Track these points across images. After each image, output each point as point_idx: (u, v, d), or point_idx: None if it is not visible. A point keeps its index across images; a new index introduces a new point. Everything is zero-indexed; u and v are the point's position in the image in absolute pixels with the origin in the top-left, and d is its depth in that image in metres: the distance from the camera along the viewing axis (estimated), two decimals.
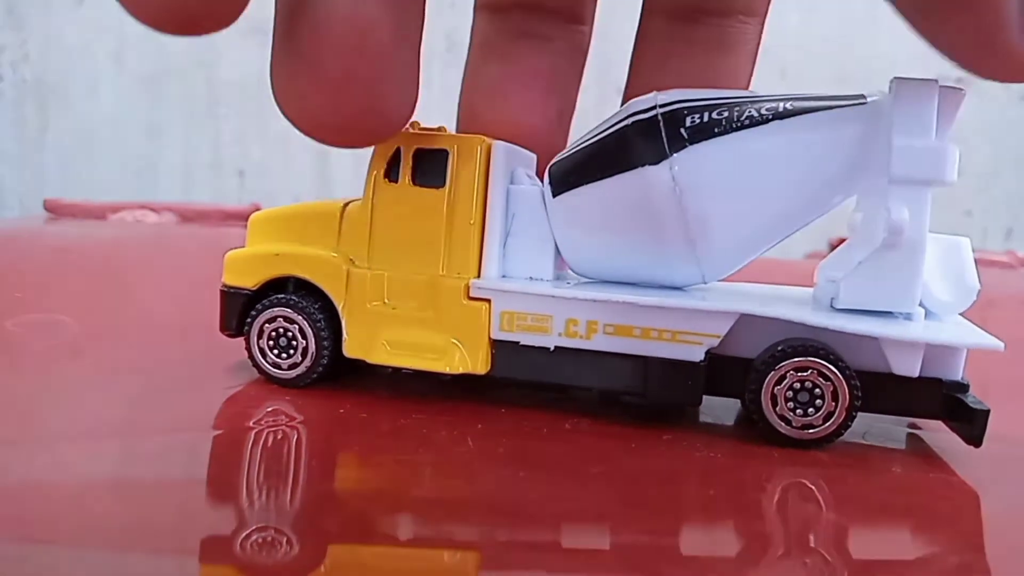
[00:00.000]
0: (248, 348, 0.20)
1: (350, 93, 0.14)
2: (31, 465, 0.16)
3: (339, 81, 0.13)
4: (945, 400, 0.18)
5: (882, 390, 0.18)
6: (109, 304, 0.30)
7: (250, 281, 0.21)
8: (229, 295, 0.21)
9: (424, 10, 0.15)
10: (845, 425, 0.18)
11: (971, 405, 0.18)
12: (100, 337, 0.25)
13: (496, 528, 0.14)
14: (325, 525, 0.14)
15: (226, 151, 0.87)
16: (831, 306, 0.19)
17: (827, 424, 0.18)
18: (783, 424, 0.18)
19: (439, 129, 0.20)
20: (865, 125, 0.18)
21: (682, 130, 0.18)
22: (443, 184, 0.20)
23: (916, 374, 0.18)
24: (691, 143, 0.18)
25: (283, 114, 0.14)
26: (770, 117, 0.19)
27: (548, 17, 0.23)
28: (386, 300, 0.20)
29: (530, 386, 0.20)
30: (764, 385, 0.18)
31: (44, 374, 0.21)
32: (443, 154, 0.20)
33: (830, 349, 0.18)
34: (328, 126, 0.14)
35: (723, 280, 0.21)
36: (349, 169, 0.85)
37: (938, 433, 0.20)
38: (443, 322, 0.19)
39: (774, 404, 0.18)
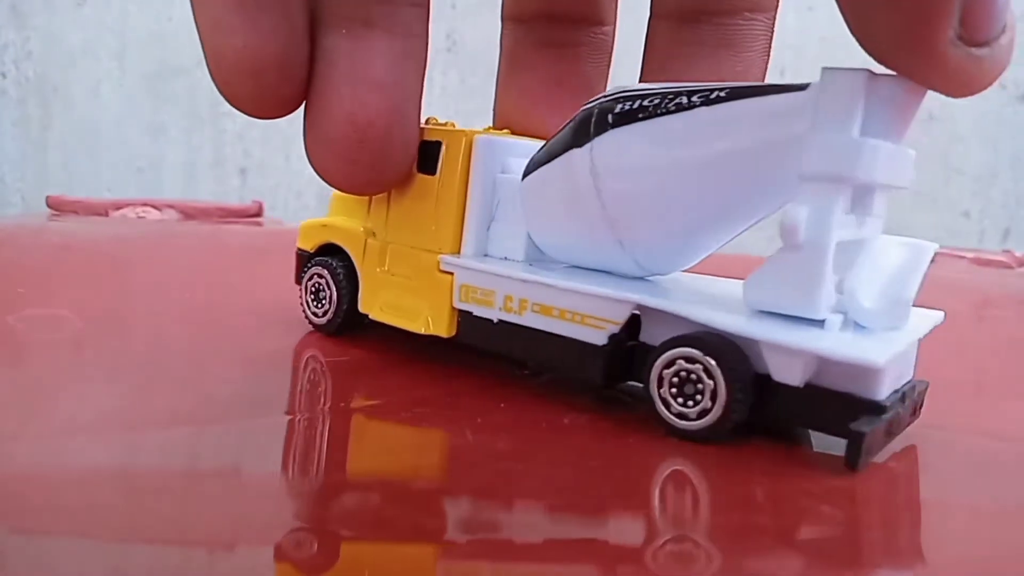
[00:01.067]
0: (300, 298, 0.25)
1: (356, 169, 0.18)
2: (33, 457, 0.16)
3: (346, 162, 0.18)
4: (838, 417, 0.17)
5: (779, 397, 0.17)
6: (111, 299, 0.30)
7: (308, 245, 0.25)
8: (298, 255, 0.26)
9: (424, 70, 0.19)
10: (724, 424, 0.17)
11: (850, 426, 0.16)
12: (102, 331, 0.25)
13: (489, 518, 0.14)
14: (327, 517, 0.14)
15: (228, 150, 0.87)
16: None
17: (701, 420, 0.18)
18: (663, 407, 0.18)
19: (446, 124, 0.22)
20: (799, 116, 0.17)
21: (610, 116, 0.19)
22: (435, 172, 0.22)
23: (798, 383, 0.17)
24: (613, 127, 0.19)
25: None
26: (697, 103, 0.18)
27: (571, 24, 0.23)
28: (388, 267, 0.23)
29: (488, 355, 0.22)
30: (655, 365, 0.18)
31: (46, 368, 0.21)
32: (437, 145, 0.22)
33: (731, 348, 0.17)
34: (343, 186, 0.20)
35: (689, 271, 0.22)
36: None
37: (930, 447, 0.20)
38: (422, 290, 0.22)
39: (659, 385, 0.18)
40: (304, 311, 0.25)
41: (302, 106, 0.18)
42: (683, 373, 0.18)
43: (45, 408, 0.18)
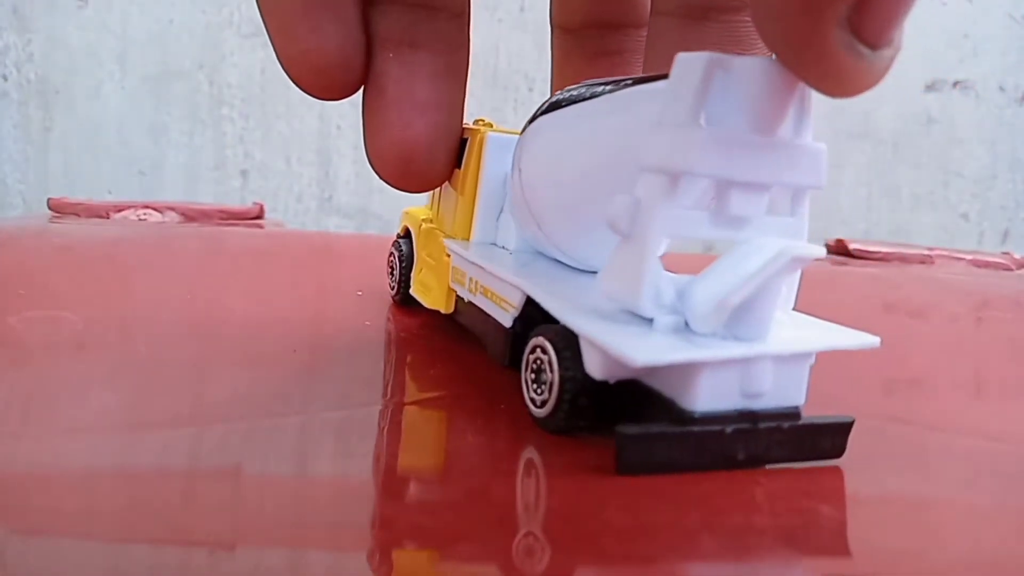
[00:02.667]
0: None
1: (407, 180, 0.20)
2: (33, 458, 0.16)
3: (398, 175, 0.20)
4: (652, 420, 0.16)
5: (619, 396, 0.17)
6: (112, 301, 0.30)
7: (400, 229, 0.28)
8: (396, 237, 0.28)
9: (466, 79, 0.21)
10: (556, 416, 0.17)
11: (616, 427, 0.15)
12: (103, 333, 0.25)
13: (487, 522, 0.14)
14: (322, 520, 0.14)
15: (229, 152, 0.87)
16: None
17: (543, 409, 0.17)
18: (524, 388, 0.18)
19: (485, 124, 0.24)
20: (658, 103, 0.16)
21: (546, 105, 0.20)
22: (460, 166, 0.24)
23: (598, 376, 0.16)
24: (540, 115, 0.20)
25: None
26: (599, 93, 0.18)
27: (617, 30, 0.24)
28: (426, 251, 0.26)
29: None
30: (525, 350, 0.18)
31: (47, 369, 0.21)
32: (464, 142, 0.23)
33: (569, 341, 0.17)
34: (398, 189, 0.21)
35: None
36: (351, 171, 0.86)
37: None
38: (439, 271, 0.24)
39: (525, 367, 0.18)
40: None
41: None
42: (538, 361, 0.18)
43: (46, 409, 0.18)
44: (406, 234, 0.28)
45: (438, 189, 0.26)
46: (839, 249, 0.53)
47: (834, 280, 0.47)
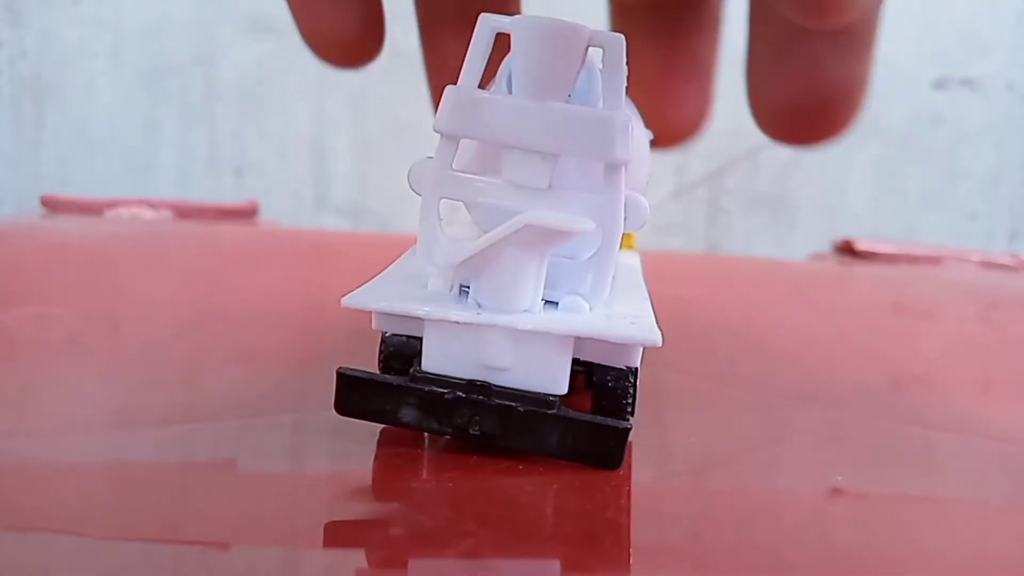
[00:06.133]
0: None
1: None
2: (26, 454, 0.16)
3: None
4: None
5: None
6: (105, 298, 0.30)
7: None
8: None
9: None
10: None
11: (340, 368, 0.16)
12: (96, 330, 0.25)
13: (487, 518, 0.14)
14: (317, 518, 0.14)
15: (223, 149, 0.87)
16: None
17: None
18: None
19: None
20: None
21: None
22: None
23: (379, 329, 0.17)
24: None
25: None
26: None
27: (677, 7, 0.23)
28: None
29: None
30: None
31: (40, 365, 0.21)
32: None
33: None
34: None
35: None
36: (347, 167, 0.85)
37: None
38: None
39: None
40: None
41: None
42: None
43: (38, 406, 0.19)
44: None
45: None
46: (846, 249, 0.53)
47: (842, 281, 0.47)
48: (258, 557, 0.13)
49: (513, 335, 0.16)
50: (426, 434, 0.17)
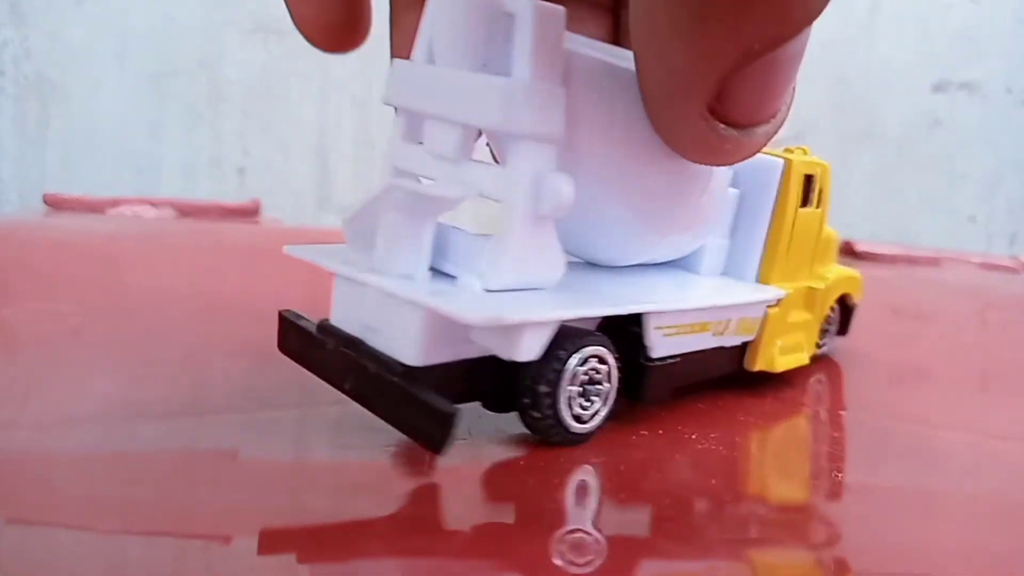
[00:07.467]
0: None
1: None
2: (30, 447, 0.16)
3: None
4: None
5: None
6: (108, 295, 0.30)
7: None
8: None
9: None
10: None
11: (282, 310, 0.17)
12: (99, 326, 0.25)
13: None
14: (320, 510, 0.14)
15: (226, 149, 0.87)
16: None
17: None
18: None
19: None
20: None
21: None
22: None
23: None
24: None
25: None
26: None
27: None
28: None
29: None
30: None
31: (43, 360, 0.21)
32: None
33: None
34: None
35: None
36: (349, 169, 0.85)
37: None
38: None
39: None
40: None
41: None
42: None
43: (42, 399, 0.19)
44: None
45: None
46: (846, 250, 0.53)
47: None
48: (260, 549, 0.13)
49: (380, 297, 0.16)
50: None
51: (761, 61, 0.12)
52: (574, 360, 0.16)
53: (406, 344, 0.15)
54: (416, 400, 0.14)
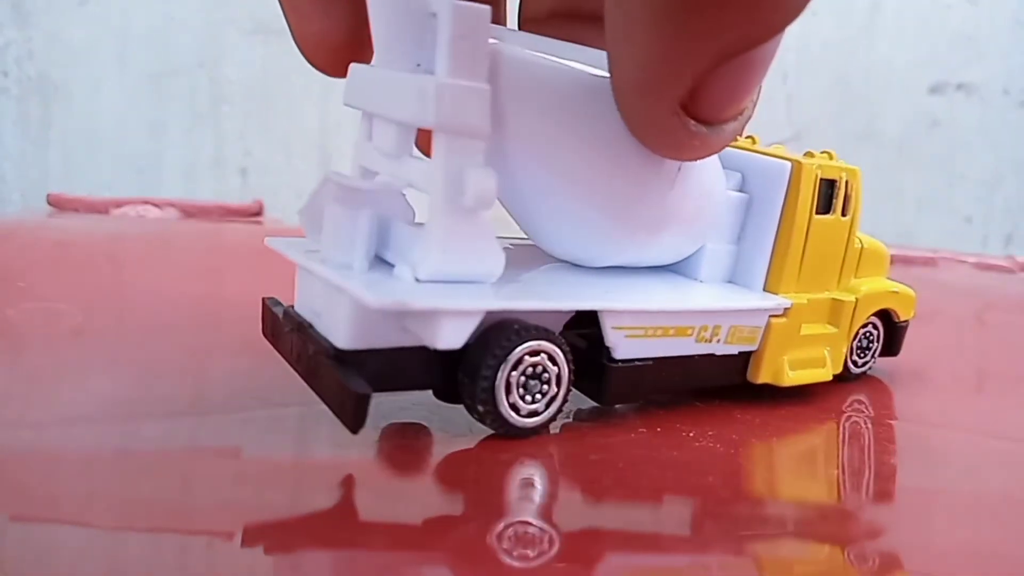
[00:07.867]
0: None
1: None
2: (32, 445, 0.16)
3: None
4: None
5: None
6: (111, 295, 0.30)
7: None
8: None
9: None
10: None
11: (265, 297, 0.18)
12: (102, 325, 0.25)
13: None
14: (322, 508, 0.14)
15: (228, 149, 0.87)
16: None
17: None
18: None
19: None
20: None
21: None
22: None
23: None
24: None
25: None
26: None
27: (588, 21, 0.23)
28: None
29: None
30: None
31: (46, 359, 0.21)
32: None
33: None
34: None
35: None
36: (351, 169, 0.85)
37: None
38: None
39: None
40: None
41: None
42: None
43: (44, 398, 0.18)
44: None
45: None
46: None
47: None
48: (263, 546, 0.13)
49: (323, 284, 0.17)
50: (427, 426, 0.18)
51: (736, 61, 0.12)
52: (516, 353, 0.16)
53: (338, 328, 0.16)
54: (337, 381, 0.15)
